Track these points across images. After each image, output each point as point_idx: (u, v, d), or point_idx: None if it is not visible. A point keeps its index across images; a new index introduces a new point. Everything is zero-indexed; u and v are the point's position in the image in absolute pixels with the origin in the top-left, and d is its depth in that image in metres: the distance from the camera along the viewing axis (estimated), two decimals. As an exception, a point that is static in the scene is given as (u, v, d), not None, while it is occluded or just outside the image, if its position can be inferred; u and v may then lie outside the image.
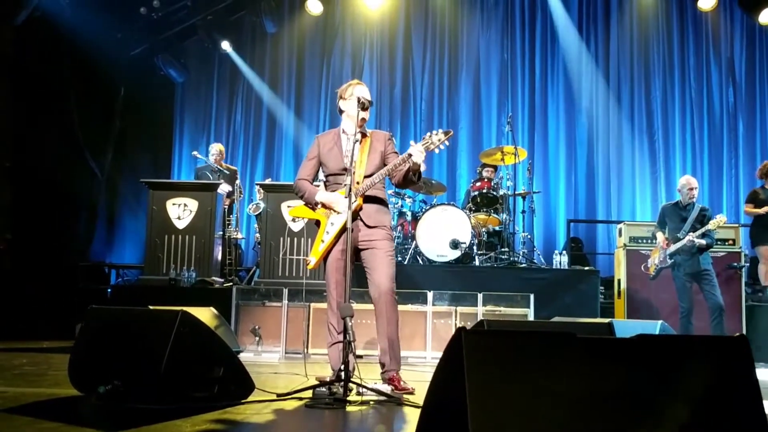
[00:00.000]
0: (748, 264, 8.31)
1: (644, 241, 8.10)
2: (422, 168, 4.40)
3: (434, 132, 4.33)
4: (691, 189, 7.04)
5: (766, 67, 11.92)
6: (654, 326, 5.99)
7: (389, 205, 4.80)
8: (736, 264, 7.83)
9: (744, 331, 7.73)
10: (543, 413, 1.77)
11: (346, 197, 4.20)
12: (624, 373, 1.88)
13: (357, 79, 4.78)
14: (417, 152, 4.24)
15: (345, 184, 4.20)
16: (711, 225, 6.73)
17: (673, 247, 6.96)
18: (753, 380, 1.93)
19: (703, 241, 6.78)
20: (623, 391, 1.86)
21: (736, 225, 8.46)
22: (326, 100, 11.86)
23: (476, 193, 8.64)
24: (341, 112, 4.66)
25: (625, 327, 5.24)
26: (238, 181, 9.04)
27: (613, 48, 11.88)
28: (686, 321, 6.87)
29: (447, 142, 4.35)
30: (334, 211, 4.43)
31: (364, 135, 4.56)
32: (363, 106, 4.38)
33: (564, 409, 1.80)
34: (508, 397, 1.76)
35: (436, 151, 4.37)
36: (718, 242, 7.64)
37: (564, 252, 9.00)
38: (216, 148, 9.22)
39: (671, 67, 11.86)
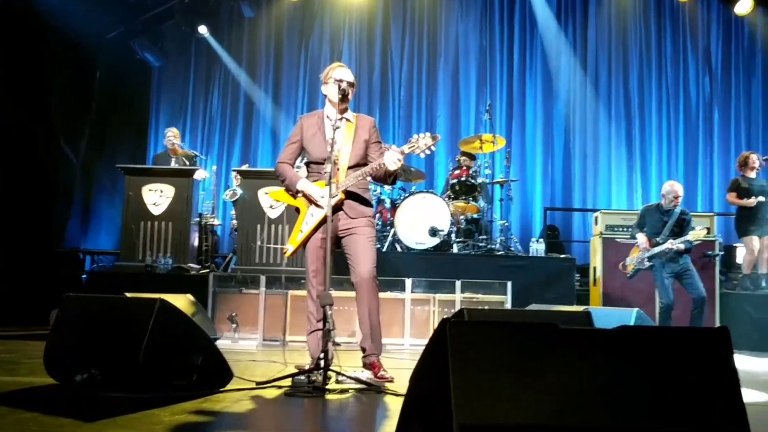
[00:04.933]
0: (722, 252, 8.42)
1: (620, 229, 8.17)
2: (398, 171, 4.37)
3: (421, 135, 4.26)
4: (676, 197, 7.07)
5: (742, 58, 12.06)
6: (630, 314, 6.06)
7: (371, 194, 4.79)
8: (711, 252, 7.92)
9: (718, 318, 7.85)
10: (526, 404, 1.78)
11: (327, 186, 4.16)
12: (607, 364, 1.90)
13: (338, 62, 4.70)
14: (391, 162, 4.20)
15: (325, 172, 4.16)
16: (691, 236, 6.79)
17: (653, 251, 7.02)
18: (733, 371, 1.95)
19: (682, 246, 6.84)
20: (606, 382, 1.88)
21: (711, 214, 8.56)
22: (305, 86, 11.80)
23: (455, 181, 8.65)
24: (324, 97, 4.60)
25: (602, 315, 5.30)
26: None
27: (591, 36, 11.94)
28: (666, 316, 6.94)
29: (433, 147, 4.30)
30: (315, 204, 4.39)
31: (348, 120, 4.51)
32: (344, 92, 4.33)
33: (547, 399, 1.81)
34: (491, 388, 1.77)
35: (422, 155, 4.32)
36: (693, 227, 7.71)
37: (541, 240, 9.07)
38: (170, 132, 9.03)
39: (648, 56, 11.95)
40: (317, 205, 4.36)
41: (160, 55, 11.76)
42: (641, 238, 7.20)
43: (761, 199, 8.41)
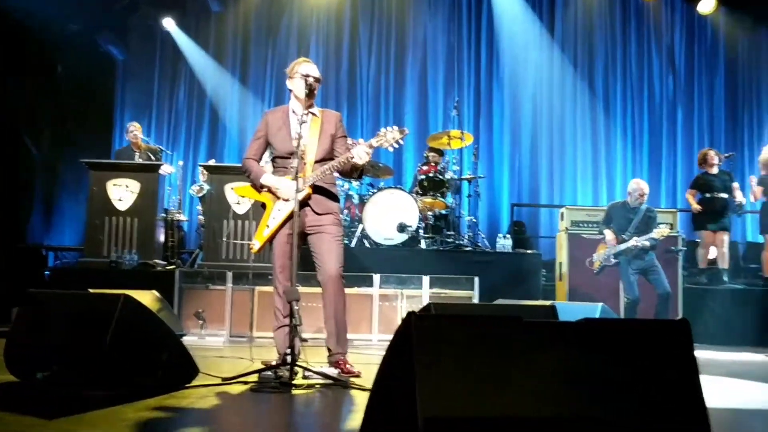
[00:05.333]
0: (685, 248, 8.55)
1: (585, 225, 8.25)
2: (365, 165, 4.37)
3: (389, 129, 4.28)
4: (642, 195, 7.19)
5: (705, 57, 12.26)
6: (594, 308, 6.12)
7: (338, 189, 4.78)
8: (674, 248, 8.04)
9: (681, 313, 7.97)
10: (491, 397, 1.79)
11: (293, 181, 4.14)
12: (569, 356, 1.92)
13: (304, 57, 4.68)
14: (359, 156, 4.20)
15: (292, 167, 4.15)
16: (655, 234, 6.90)
17: (619, 248, 7.12)
18: (693, 362, 1.99)
19: (648, 243, 6.95)
20: (569, 373, 1.90)
21: (674, 210, 8.70)
22: (272, 81, 11.72)
23: (423, 177, 8.67)
24: (290, 91, 4.57)
25: (567, 309, 5.34)
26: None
27: (557, 34, 12.03)
28: (631, 311, 7.05)
29: (401, 141, 4.31)
30: (281, 198, 4.37)
31: (314, 114, 4.49)
32: (310, 87, 4.31)
33: (512, 392, 1.82)
34: (456, 381, 1.78)
35: (390, 149, 4.33)
36: (658, 224, 7.82)
37: (508, 235, 9.13)
38: (132, 126, 8.90)
39: (614, 55, 12.09)
40: (284, 200, 4.34)
41: (125, 48, 11.60)
42: (608, 235, 7.30)
43: (722, 195, 8.56)
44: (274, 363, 4.12)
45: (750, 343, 7.80)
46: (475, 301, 7.13)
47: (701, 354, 7.01)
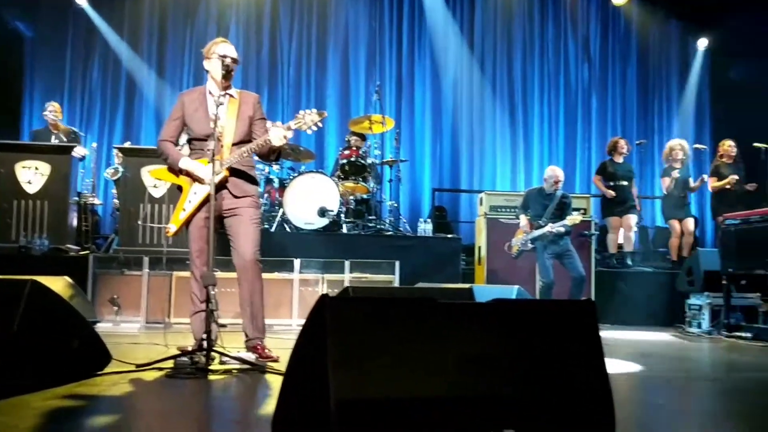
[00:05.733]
0: (597, 232, 8.85)
1: (504, 210, 8.42)
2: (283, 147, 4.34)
3: (307, 111, 4.27)
4: (557, 182, 7.37)
5: (619, 47, 12.67)
6: (511, 291, 6.28)
7: (257, 172, 4.73)
8: (587, 232, 8.30)
9: (593, 295, 8.25)
10: (404, 377, 1.81)
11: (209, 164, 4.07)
12: (481, 336, 1.96)
13: (222, 38, 4.59)
14: (277, 138, 4.17)
15: (209, 149, 4.08)
16: (567, 222, 7.09)
17: (535, 233, 7.29)
18: (597, 340, 2.06)
19: (562, 229, 7.14)
20: (481, 352, 1.94)
21: (588, 195, 8.98)
22: (190, 62, 11.43)
23: (345, 161, 8.65)
24: (207, 72, 4.48)
25: (485, 292, 5.45)
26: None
27: (477, 21, 12.18)
28: (546, 294, 7.23)
29: (320, 124, 4.30)
30: (198, 181, 4.29)
31: (232, 96, 4.42)
32: (227, 68, 4.23)
33: (424, 372, 1.85)
34: (370, 363, 1.79)
35: (309, 132, 4.32)
36: (572, 211, 8.04)
37: (428, 220, 9.23)
38: (50, 106, 8.56)
39: (532, 43, 12.34)
40: (201, 183, 4.26)
41: (34, 24, 11.10)
42: (523, 221, 7.47)
43: (624, 183, 8.90)
44: (190, 349, 4.06)
45: (659, 323, 8.15)
46: (396, 285, 7.20)
47: (612, 334, 7.29)
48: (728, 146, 9.06)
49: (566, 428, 1.99)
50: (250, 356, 4.20)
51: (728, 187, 8.77)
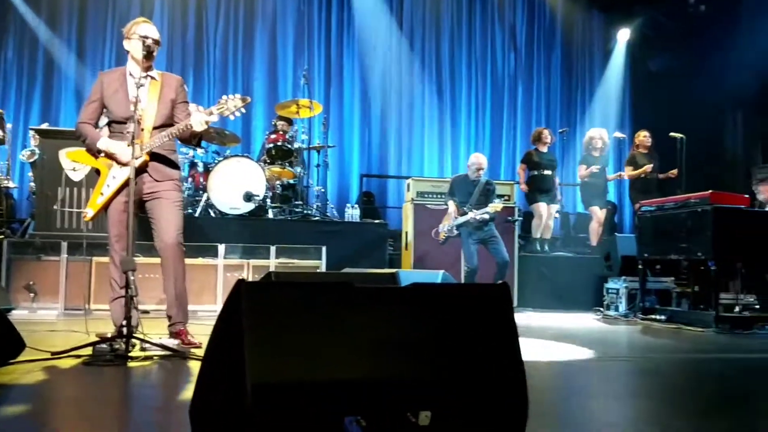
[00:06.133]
0: (521, 218, 9.05)
1: (430, 196, 8.50)
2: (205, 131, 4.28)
3: (230, 97, 4.22)
4: (479, 169, 7.52)
5: (544, 36, 12.93)
6: (436, 276, 6.38)
7: (179, 156, 4.64)
8: (511, 218, 8.47)
9: (516, 279, 8.44)
10: (320, 361, 1.82)
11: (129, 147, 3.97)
12: (398, 319, 1.98)
13: (143, 18, 4.47)
14: (198, 123, 4.11)
15: (128, 132, 3.98)
16: (490, 209, 7.22)
17: (459, 220, 7.40)
18: (511, 323, 2.11)
19: (486, 216, 7.27)
20: (397, 335, 1.96)
21: (512, 183, 9.14)
22: (112, 42, 11.07)
23: (271, 145, 8.57)
24: (127, 53, 4.37)
25: (410, 277, 5.52)
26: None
27: (407, 8, 12.23)
28: (470, 279, 7.38)
29: (243, 110, 4.26)
30: (118, 162, 4.19)
31: (153, 78, 4.32)
32: (148, 49, 4.13)
33: (341, 355, 1.86)
34: (286, 347, 1.79)
35: (231, 117, 4.28)
36: (495, 198, 8.20)
37: (356, 205, 9.26)
38: None
39: (459, 30, 12.46)
40: (120, 165, 4.16)
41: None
42: (451, 207, 7.59)
43: (547, 172, 9.14)
44: (109, 335, 3.97)
45: (580, 306, 8.40)
46: (323, 270, 7.20)
47: (533, 317, 7.49)
48: (643, 137, 9.44)
49: (481, 409, 2.03)
50: (173, 342, 4.14)
51: (643, 175, 9.10)
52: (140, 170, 4.13)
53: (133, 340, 3.79)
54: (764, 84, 11.32)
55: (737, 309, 6.58)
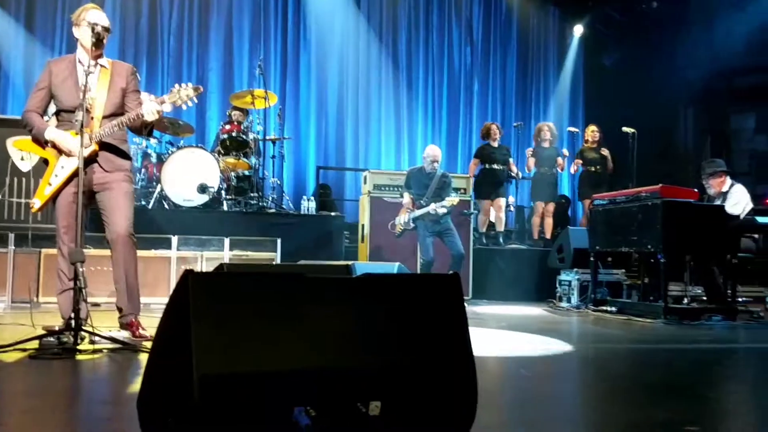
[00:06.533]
0: (477, 212, 9.12)
1: (387, 188, 8.51)
2: (158, 119, 4.22)
3: (183, 86, 4.16)
4: (434, 161, 7.54)
5: (500, 32, 13.05)
6: (392, 267, 6.38)
7: (131, 146, 4.57)
8: (467, 211, 8.54)
9: (471, 272, 8.51)
10: (269, 351, 1.81)
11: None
12: (348, 309, 1.98)
13: (93, 3, 4.38)
14: (149, 112, 4.05)
15: (77, 120, 3.89)
16: (447, 203, 7.25)
17: (416, 213, 7.42)
18: (462, 313, 2.12)
19: (444, 210, 7.30)
20: (348, 325, 1.96)
21: (468, 176, 9.20)
22: (63, 27, 10.80)
23: (225, 136, 8.49)
24: (77, 40, 4.28)
25: (366, 268, 5.50)
26: None
27: (364, 0, 12.19)
28: (426, 271, 7.40)
29: (196, 99, 4.20)
30: (66, 153, 4.10)
31: (103, 66, 4.23)
32: (98, 36, 4.04)
33: (291, 345, 1.86)
34: (234, 338, 1.78)
35: (184, 107, 4.22)
36: (451, 192, 8.25)
37: (312, 198, 9.23)
38: None
39: (417, 24, 12.49)
40: (68, 156, 4.07)
41: None
42: (407, 199, 7.61)
43: (499, 167, 9.24)
44: (57, 328, 3.89)
45: (534, 298, 8.51)
46: (278, 262, 7.16)
47: (488, 309, 7.56)
48: (592, 132, 9.75)
49: (431, 399, 2.05)
50: (123, 335, 4.08)
51: (593, 169, 9.37)
52: (90, 160, 4.05)
53: (82, 333, 3.73)
54: (714, 79, 11.61)
55: (686, 301, 6.73)
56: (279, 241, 7.25)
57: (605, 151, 9.61)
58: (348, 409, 1.92)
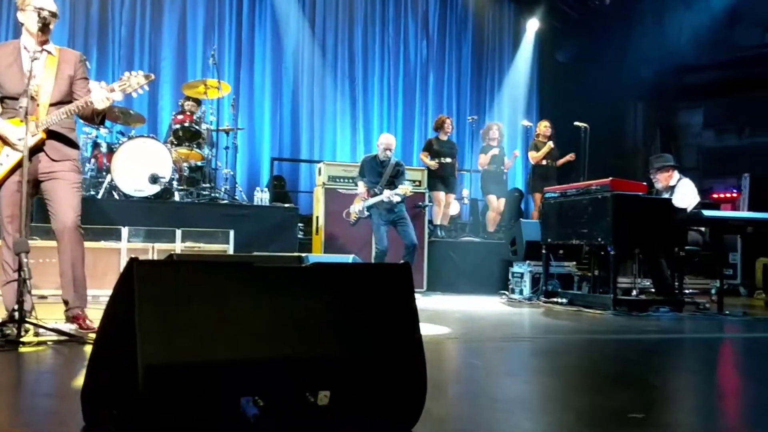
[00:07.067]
0: (431, 204, 9.16)
1: (342, 180, 8.50)
2: (108, 108, 4.13)
3: (133, 73, 4.08)
4: (387, 149, 7.55)
5: (455, 25, 13.13)
6: (346, 259, 6.39)
7: (80, 136, 4.47)
8: (421, 203, 8.58)
9: (426, 263, 8.56)
10: (216, 340, 1.80)
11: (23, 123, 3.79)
12: (298, 299, 1.97)
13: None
14: (99, 100, 3.96)
15: (21, 107, 3.79)
16: (401, 191, 7.25)
17: (370, 201, 7.42)
18: (412, 303, 2.13)
19: (396, 198, 7.30)
20: (297, 315, 1.96)
21: (423, 169, 9.23)
22: (9, 13, 10.52)
23: (178, 126, 8.36)
24: (22, 25, 4.16)
25: (319, 260, 5.52)
26: None
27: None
28: (380, 261, 7.40)
29: (147, 87, 4.13)
30: (10, 145, 3.99)
31: (50, 53, 4.13)
32: (44, 22, 3.94)
33: (238, 335, 1.84)
34: (180, 328, 1.76)
35: (135, 95, 4.14)
36: (405, 181, 8.26)
37: (266, 189, 9.16)
38: None
39: (373, 17, 12.47)
40: (12, 147, 3.96)
41: None
42: (361, 188, 7.61)
43: (448, 160, 9.30)
44: (0, 320, 3.80)
45: (487, 290, 8.58)
46: (231, 254, 7.09)
47: (441, 300, 7.60)
48: (544, 127, 9.94)
49: (380, 389, 2.06)
50: (69, 327, 4.00)
51: (544, 162, 9.50)
52: (36, 149, 3.96)
53: (26, 325, 3.64)
54: (664, 75, 11.85)
55: (634, 292, 6.88)
56: (232, 232, 7.18)
57: (552, 145, 9.76)
58: (297, 398, 1.91)
